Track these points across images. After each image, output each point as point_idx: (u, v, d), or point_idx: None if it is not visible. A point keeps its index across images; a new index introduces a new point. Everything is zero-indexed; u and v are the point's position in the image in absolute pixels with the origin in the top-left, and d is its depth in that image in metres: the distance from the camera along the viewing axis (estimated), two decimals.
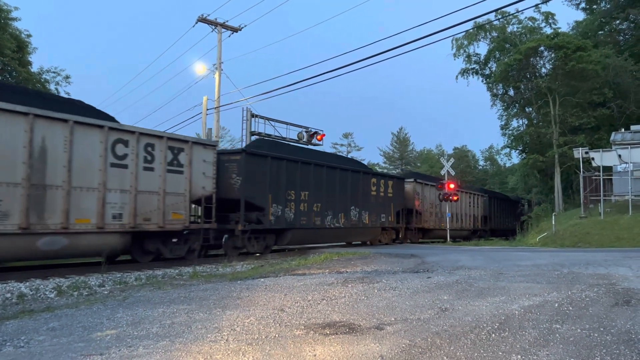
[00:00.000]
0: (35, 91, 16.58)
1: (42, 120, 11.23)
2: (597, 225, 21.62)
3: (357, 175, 22.81)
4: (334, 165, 21.48)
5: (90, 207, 12.14)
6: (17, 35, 26.77)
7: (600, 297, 6.69)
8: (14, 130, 10.79)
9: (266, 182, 17.49)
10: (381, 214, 24.47)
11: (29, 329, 5.34)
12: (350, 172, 22.41)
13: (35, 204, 11.10)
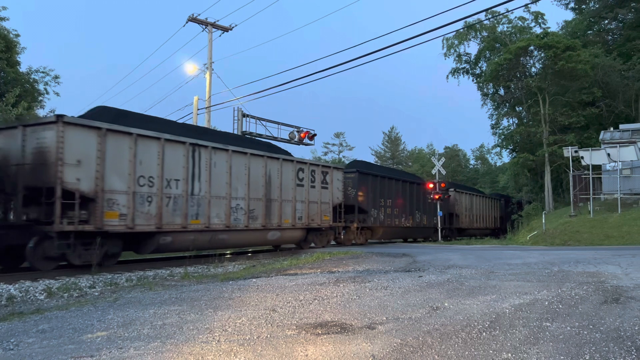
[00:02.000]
0: (257, 140, 23.00)
1: (269, 160, 17.92)
2: (586, 224, 21.80)
3: (420, 186, 29.78)
4: (405, 179, 28.73)
5: (289, 212, 18.80)
6: (5, 34, 26.50)
7: (590, 295, 6.75)
8: (259, 166, 17.41)
9: (369, 192, 24.27)
10: (433, 217, 30.84)
11: (19, 331, 5.29)
12: (416, 184, 29.56)
13: (267, 211, 17.70)
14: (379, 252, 16.63)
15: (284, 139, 25.94)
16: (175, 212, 14.10)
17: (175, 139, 14.17)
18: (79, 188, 11.69)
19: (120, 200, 12.60)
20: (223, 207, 15.74)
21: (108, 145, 12.39)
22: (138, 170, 13.08)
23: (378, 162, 76.11)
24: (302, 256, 15.75)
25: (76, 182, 11.65)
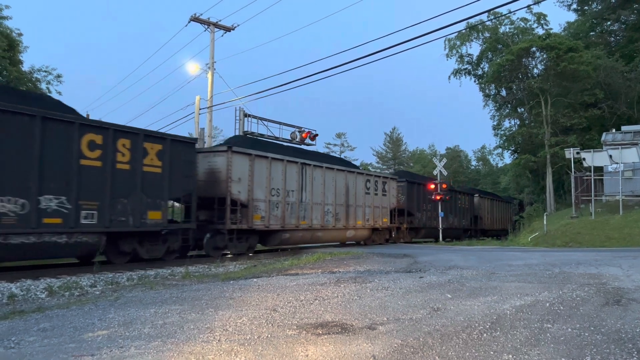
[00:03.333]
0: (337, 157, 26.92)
1: (348, 173, 22.59)
2: (588, 225, 21.77)
3: (452, 191, 33.66)
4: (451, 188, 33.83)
5: (360, 215, 23.26)
6: (7, 33, 26.53)
7: (591, 296, 6.74)
8: (341, 179, 21.90)
9: (414, 198, 28.87)
10: (462, 219, 35.77)
11: (20, 330, 5.30)
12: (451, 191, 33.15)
13: (347, 214, 22.15)
14: (380, 253, 16.62)
15: (286, 139, 25.95)
16: (292, 215, 18.82)
17: (292, 160, 19.05)
18: (239, 198, 16.34)
19: (261, 206, 17.34)
20: (319, 211, 20.45)
21: (255, 166, 17.08)
22: (271, 184, 17.77)
23: (379, 162, 76.24)
24: (303, 256, 15.75)
25: (238, 194, 16.31)
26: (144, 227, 13.29)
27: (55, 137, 11.33)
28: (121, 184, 12.65)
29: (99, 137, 12.23)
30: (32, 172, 10.86)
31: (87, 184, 11.90)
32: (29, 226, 10.75)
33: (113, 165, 12.47)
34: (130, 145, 12.93)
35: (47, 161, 11.13)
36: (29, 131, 10.85)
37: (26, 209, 10.71)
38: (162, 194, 13.74)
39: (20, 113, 10.76)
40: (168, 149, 13.93)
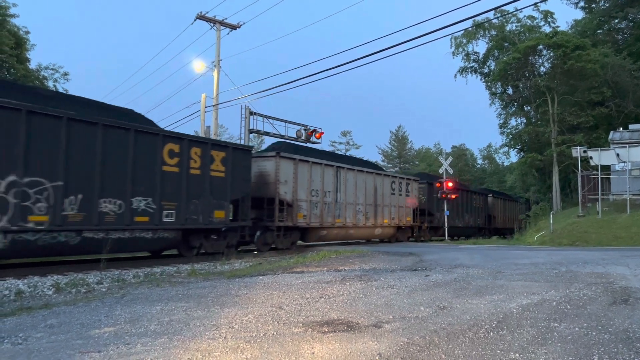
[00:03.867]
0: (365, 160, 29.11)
1: (376, 175, 24.66)
2: (594, 224, 21.66)
3: (467, 193, 35.55)
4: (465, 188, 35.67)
5: (387, 214, 25.06)
6: (15, 31, 26.67)
7: (598, 295, 6.70)
8: (370, 180, 23.90)
9: (433, 198, 29.85)
10: (477, 218, 37.14)
11: (27, 326, 5.33)
12: (466, 191, 35.39)
13: (375, 213, 24.11)
14: (386, 251, 16.60)
15: (291, 137, 25.93)
16: (329, 214, 20.83)
17: (329, 163, 21.01)
18: (285, 198, 18.27)
19: (303, 206, 19.28)
20: (352, 211, 22.39)
21: (298, 170, 19.06)
22: (311, 185, 19.73)
23: (385, 161, 76.17)
24: (309, 254, 15.75)
25: (284, 194, 18.24)
26: (211, 225, 15.13)
27: (144, 147, 13.16)
28: (194, 187, 14.46)
29: (177, 147, 14.07)
30: (127, 177, 12.66)
31: (168, 187, 13.69)
32: (124, 223, 12.59)
33: (187, 170, 14.30)
34: (201, 153, 14.77)
35: (137, 167, 12.92)
36: (125, 142, 12.69)
37: (122, 209, 12.56)
38: (225, 196, 15.56)
39: (120, 127, 12.63)
40: (230, 155, 15.78)
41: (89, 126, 11.92)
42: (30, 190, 10.80)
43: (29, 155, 10.75)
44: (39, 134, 10.97)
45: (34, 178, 10.86)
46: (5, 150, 10.40)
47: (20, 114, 10.63)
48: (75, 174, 11.58)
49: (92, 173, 11.95)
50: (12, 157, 10.52)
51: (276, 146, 21.26)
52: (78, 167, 11.64)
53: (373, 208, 23.96)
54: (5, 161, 10.40)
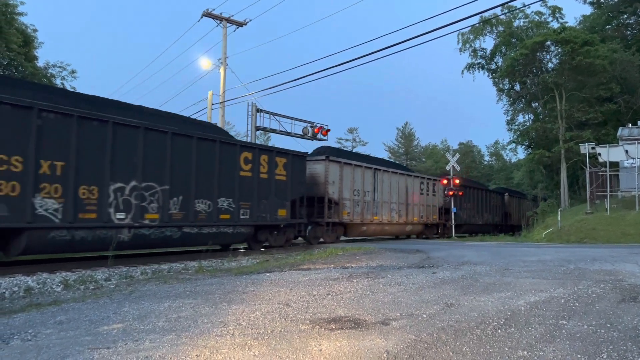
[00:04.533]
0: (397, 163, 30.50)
1: (407, 177, 27.04)
2: (603, 221, 21.53)
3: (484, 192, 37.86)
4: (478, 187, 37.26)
5: (416, 212, 27.37)
6: (23, 30, 26.76)
7: (607, 293, 6.67)
8: (402, 181, 26.16)
9: (456, 198, 30.81)
10: (495, 216, 39.17)
11: (37, 323, 5.37)
12: (484, 191, 38.08)
13: (406, 211, 26.41)
14: (392, 248, 16.59)
15: (298, 134, 25.93)
16: (368, 212, 23.16)
17: (368, 166, 23.46)
18: (333, 197, 20.67)
19: (347, 204, 21.60)
20: (387, 209, 24.68)
21: (344, 172, 21.40)
22: (354, 186, 22.00)
23: (392, 157, 76.01)
24: (315, 251, 15.76)
25: (332, 194, 20.62)
26: (275, 222, 17.34)
27: (226, 156, 15.33)
28: (263, 189, 16.60)
29: (250, 155, 16.27)
30: (214, 181, 14.81)
31: (243, 189, 15.84)
32: (212, 220, 14.74)
33: (258, 175, 16.48)
34: (268, 160, 16.96)
35: (221, 173, 15.08)
36: (213, 152, 14.88)
37: (211, 208, 14.67)
38: (286, 196, 17.69)
39: (209, 139, 14.86)
40: (290, 161, 17.95)
41: (187, 139, 14.14)
42: (146, 193, 12.92)
43: (145, 164, 12.86)
44: (151, 146, 13.07)
45: (149, 183, 13.01)
46: (128, 160, 12.50)
47: (139, 131, 12.75)
48: (177, 179, 13.74)
49: (189, 178, 14.08)
50: (133, 166, 12.63)
51: (322, 150, 23.17)
52: (179, 173, 13.81)
53: (405, 206, 26.38)
54: (128, 170, 12.51)
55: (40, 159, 10.74)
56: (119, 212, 12.25)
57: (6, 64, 26.18)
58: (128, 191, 12.44)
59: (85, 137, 11.58)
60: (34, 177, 10.60)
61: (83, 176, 11.53)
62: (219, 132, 16.63)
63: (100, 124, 11.93)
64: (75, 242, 11.51)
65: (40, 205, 10.67)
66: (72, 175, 11.29)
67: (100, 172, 11.90)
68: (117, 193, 12.24)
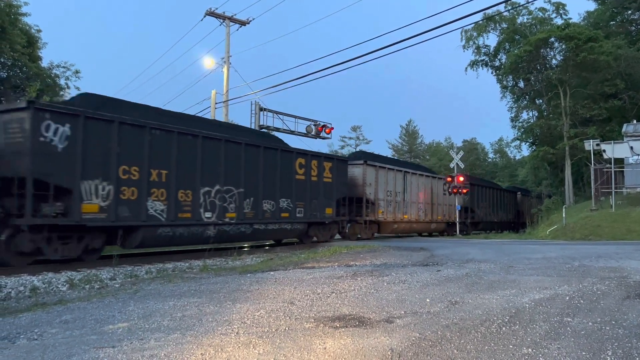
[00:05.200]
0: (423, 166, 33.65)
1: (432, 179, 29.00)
2: (608, 218, 21.45)
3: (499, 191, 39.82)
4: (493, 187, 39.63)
5: (440, 211, 29.57)
6: (27, 30, 26.82)
7: (612, 290, 6.65)
8: (428, 183, 28.19)
9: (475, 197, 33.91)
10: (509, 214, 41.21)
11: (42, 322, 5.40)
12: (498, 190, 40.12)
13: (432, 210, 28.26)
14: (397, 246, 16.58)
15: (301, 132, 25.95)
16: (399, 211, 25.11)
17: (399, 169, 25.65)
18: (370, 198, 22.62)
19: (382, 204, 23.47)
20: (415, 208, 26.81)
21: (378, 174, 23.35)
22: (387, 187, 23.89)
23: (395, 155, 75.92)
24: (319, 249, 15.77)
25: (369, 194, 22.60)
26: (324, 219, 19.52)
27: (285, 162, 17.46)
28: (314, 191, 18.72)
29: (303, 160, 18.40)
30: (276, 184, 16.93)
31: (298, 190, 17.95)
32: (275, 218, 16.97)
33: (310, 178, 18.60)
34: (317, 164, 19.08)
35: (282, 177, 17.20)
36: (275, 159, 17.03)
37: (274, 207, 16.85)
38: (332, 196, 19.87)
39: (272, 148, 17.16)
40: (335, 165, 20.15)
41: (256, 148, 16.34)
42: (226, 195, 15.06)
43: (225, 170, 15.01)
44: (229, 155, 15.19)
45: (228, 187, 15.17)
46: (213, 168, 14.62)
47: (220, 142, 14.94)
48: (248, 182, 15.84)
49: (257, 181, 16.22)
50: (216, 173, 14.77)
51: (359, 155, 27.03)
52: (250, 178, 15.91)
53: (430, 206, 28.57)
54: (213, 175, 14.63)
55: (151, 168, 12.85)
56: (207, 211, 14.42)
57: (10, 65, 26.26)
58: (213, 194, 14.71)
59: (182, 149, 13.72)
60: (147, 184, 12.70)
61: (181, 182, 13.67)
62: (278, 142, 19.17)
63: (192, 138, 14.08)
64: (175, 238, 13.81)
65: (151, 207, 12.84)
66: (173, 181, 13.44)
67: (192, 178, 14.03)
68: (205, 196, 14.42)
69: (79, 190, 11.23)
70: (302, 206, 18.17)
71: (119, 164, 12.07)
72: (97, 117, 11.78)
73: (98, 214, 11.56)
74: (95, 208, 11.55)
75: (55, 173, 10.87)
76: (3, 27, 23.80)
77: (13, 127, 11.10)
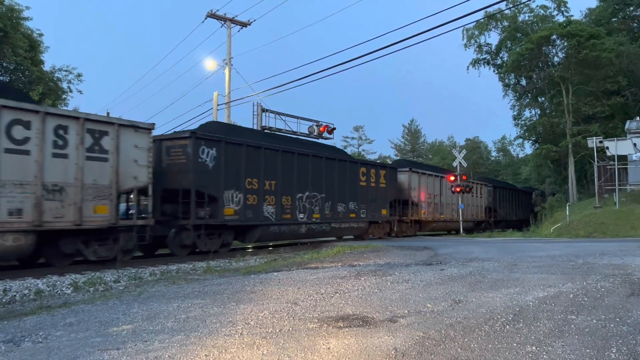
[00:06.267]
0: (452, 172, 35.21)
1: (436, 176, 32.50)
2: (612, 215, 21.39)
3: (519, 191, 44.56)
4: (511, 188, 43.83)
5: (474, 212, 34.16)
6: (29, 34, 26.94)
7: (616, 287, 6.63)
8: None
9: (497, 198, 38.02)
10: (525, 212, 43.01)
11: (47, 325, 5.42)
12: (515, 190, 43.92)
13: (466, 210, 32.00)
14: (400, 246, 16.56)
15: (303, 133, 25.95)
16: (437, 211, 28.96)
17: (436, 175, 29.38)
18: (414, 200, 26.30)
19: (423, 205, 27.10)
20: (449, 209, 30.44)
21: (420, 180, 27.02)
22: (427, 190, 27.55)
23: (398, 155, 75.87)
24: (323, 250, 15.77)
25: (414, 197, 26.25)
26: (380, 219, 23.50)
27: (352, 171, 21.57)
28: (372, 195, 22.60)
29: (365, 169, 22.46)
30: (346, 189, 20.96)
31: (362, 195, 21.91)
32: (346, 218, 21.01)
33: (370, 184, 22.44)
34: (375, 172, 23.00)
35: (350, 183, 21.20)
36: (344, 169, 21.06)
37: (345, 209, 20.84)
38: (386, 200, 23.90)
39: (343, 160, 21.51)
40: (388, 173, 24.22)
41: (331, 160, 20.28)
42: (313, 200, 18.92)
43: (311, 179, 18.93)
44: (314, 167, 19.12)
45: (314, 193, 19.08)
46: (303, 177, 18.51)
47: (308, 157, 18.89)
48: (327, 189, 19.71)
49: (333, 188, 20.06)
50: (306, 182, 18.64)
51: (402, 162, 32.08)
52: (328, 185, 19.76)
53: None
54: (304, 184, 18.49)
55: (265, 180, 16.75)
56: (300, 213, 18.39)
57: (13, 69, 26.38)
58: (304, 199, 18.60)
59: (284, 164, 17.60)
60: (263, 192, 16.64)
61: (284, 190, 17.56)
62: (345, 155, 24.88)
63: (290, 155, 18.08)
64: (280, 234, 17.89)
65: (266, 210, 16.71)
66: (279, 189, 17.34)
67: (291, 186, 17.92)
68: (299, 200, 18.24)
69: (222, 198, 15.13)
70: (364, 208, 22.12)
71: (245, 177, 15.99)
72: (232, 141, 15.76)
73: (233, 216, 15.53)
74: (232, 212, 15.47)
75: (208, 185, 14.71)
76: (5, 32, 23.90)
77: (176, 150, 14.61)
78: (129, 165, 12.40)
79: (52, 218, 10.81)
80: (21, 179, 10.40)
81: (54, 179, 10.92)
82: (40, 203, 10.62)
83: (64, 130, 11.19)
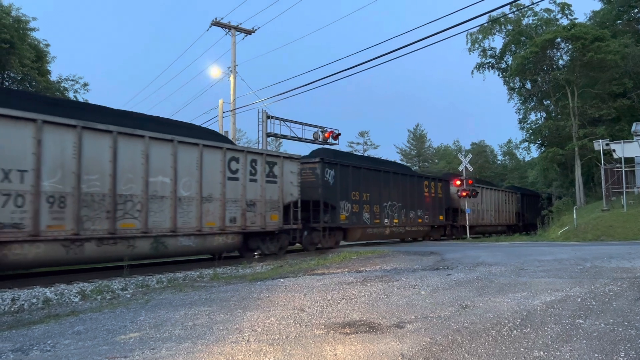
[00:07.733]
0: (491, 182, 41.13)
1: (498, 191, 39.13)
2: (620, 218, 21.25)
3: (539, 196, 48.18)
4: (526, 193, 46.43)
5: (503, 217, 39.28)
6: (35, 45, 27.18)
7: (625, 291, 6.59)
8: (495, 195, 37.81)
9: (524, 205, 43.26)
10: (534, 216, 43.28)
11: (55, 333, 5.44)
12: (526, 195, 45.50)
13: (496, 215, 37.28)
14: (406, 251, 16.52)
15: (308, 139, 25.95)
16: (479, 217, 33.37)
17: (479, 186, 33.34)
18: (461, 207, 30.21)
19: (468, 212, 29.99)
20: (488, 214, 35.13)
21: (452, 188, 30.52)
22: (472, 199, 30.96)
23: (404, 160, 75.81)
24: (329, 256, 15.76)
25: (463, 206, 29.80)
26: (438, 224, 28.21)
27: (418, 184, 26.43)
28: (432, 203, 27.34)
29: (427, 182, 27.22)
30: (415, 200, 25.85)
31: (426, 203, 26.81)
32: (415, 222, 25.75)
33: (430, 194, 27.15)
34: (434, 185, 27.85)
35: (417, 194, 26.15)
36: (412, 182, 25.98)
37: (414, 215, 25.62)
38: (442, 207, 28.63)
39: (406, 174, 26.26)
40: (443, 185, 28.85)
41: (403, 176, 25.21)
42: (393, 208, 23.89)
43: (391, 191, 23.82)
44: (392, 182, 24.00)
45: (393, 202, 24.05)
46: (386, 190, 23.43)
47: (389, 174, 23.90)
48: (402, 199, 24.58)
49: (406, 198, 24.94)
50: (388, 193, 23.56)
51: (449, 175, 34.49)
52: (402, 196, 24.61)
53: (497, 213, 37.12)
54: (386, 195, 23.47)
55: (363, 192, 21.75)
56: (385, 218, 23.18)
57: (20, 79, 26.59)
58: (388, 207, 23.48)
59: (374, 180, 22.67)
60: (362, 202, 21.62)
61: (374, 200, 22.48)
62: (411, 170, 31.04)
63: (377, 172, 23.17)
64: (372, 234, 22.80)
65: (364, 216, 21.70)
66: (372, 200, 22.30)
67: (379, 197, 22.87)
68: (384, 208, 23.03)
69: (338, 207, 20.12)
70: (428, 215, 26.85)
71: (351, 190, 20.99)
72: (343, 163, 20.77)
73: (345, 221, 20.54)
74: (344, 217, 20.53)
75: (330, 197, 19.76)
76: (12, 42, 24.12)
77: (307, 171, 19.33)
78: (288, 185, 17.30)
79: (250, 224, 15.68)
80: (235, 197, 15.16)
81: (250, 196, 15.72)
82: (244, 213, 15.44)
83: (254, 162, 16.01)
